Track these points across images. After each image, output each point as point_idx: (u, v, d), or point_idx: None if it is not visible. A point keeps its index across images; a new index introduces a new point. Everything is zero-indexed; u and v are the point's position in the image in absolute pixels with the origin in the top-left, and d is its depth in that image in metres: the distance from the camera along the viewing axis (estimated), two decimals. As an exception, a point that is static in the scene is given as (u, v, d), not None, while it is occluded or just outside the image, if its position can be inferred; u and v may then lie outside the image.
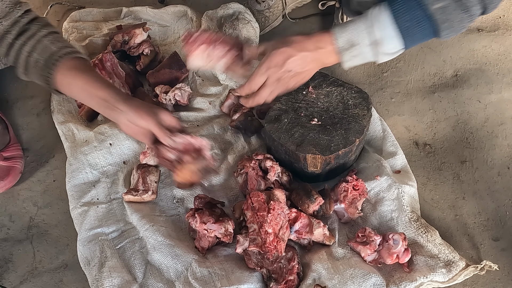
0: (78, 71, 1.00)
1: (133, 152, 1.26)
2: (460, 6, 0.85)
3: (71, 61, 1.01)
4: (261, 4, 1.53)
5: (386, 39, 0.91)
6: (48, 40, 1.03)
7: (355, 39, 0.93)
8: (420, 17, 0.88)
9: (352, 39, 0.93)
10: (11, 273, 1.14)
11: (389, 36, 0.91)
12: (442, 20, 0.87)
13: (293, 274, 1.01)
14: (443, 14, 0.86)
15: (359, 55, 0.95)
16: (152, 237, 1.08)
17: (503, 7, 1.53)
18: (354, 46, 0.93)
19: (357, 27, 0.92)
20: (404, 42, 0.92)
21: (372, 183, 1.13)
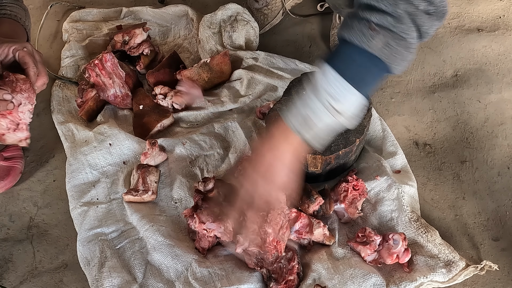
0: None
1: (133, 152, 1.26)
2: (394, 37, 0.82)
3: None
4: (259, 2, 1.53)
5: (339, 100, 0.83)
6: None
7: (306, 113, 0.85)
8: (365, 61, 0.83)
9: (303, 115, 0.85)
10: (11, 273, 1.14)
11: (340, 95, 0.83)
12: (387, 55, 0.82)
13: (293, 274, 1.00)
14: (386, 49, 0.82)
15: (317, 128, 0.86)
16: (152, 237, 1.08)
17: (503, 7, 1.54)
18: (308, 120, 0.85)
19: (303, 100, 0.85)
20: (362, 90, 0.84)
21: (372, 183, 1.13)
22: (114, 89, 1.34)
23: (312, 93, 0.84)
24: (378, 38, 0.81)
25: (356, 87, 0.83)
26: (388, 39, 0.81)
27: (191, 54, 1.52)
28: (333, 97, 0.83)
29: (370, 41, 0.81)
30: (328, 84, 0.83)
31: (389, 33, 0.81)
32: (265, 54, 1.43)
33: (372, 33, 0.81)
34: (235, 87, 1.38)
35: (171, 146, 1.26)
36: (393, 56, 0.83)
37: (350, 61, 0.83)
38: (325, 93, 0.83)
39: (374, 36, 0.81)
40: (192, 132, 1.29)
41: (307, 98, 0.84)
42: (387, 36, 0.81)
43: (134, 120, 1.34)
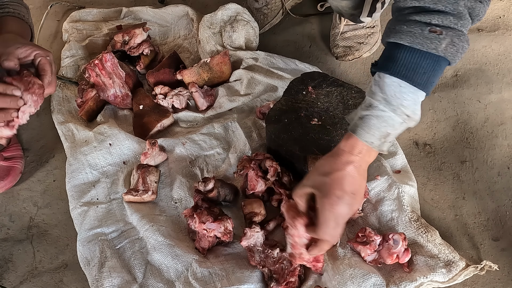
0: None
1: (133, 152, 1.26)
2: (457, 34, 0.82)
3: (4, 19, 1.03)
4: (258, 1, 1.53)
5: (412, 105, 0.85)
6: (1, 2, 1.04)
7: (387, 131, 0.85)
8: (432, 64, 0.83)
9: (383, 133, 0.86)
10: (11, 273, 1.14)
11: (414, 101, 0.84)
12: (453, 53, 0.83)
13: (294, 276, 1.00)
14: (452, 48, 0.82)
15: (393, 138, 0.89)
16: (152, 237, 1.08)
17: (503, 7, 1.53)
18: (388, 136, 0.86)
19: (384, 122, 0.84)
20: (430, 91, 0.87)
21: (372, 183, 1.13)
22: (114, 89, 1.34)
23: (389, 109, 0.84)
24: (443, 39, 0.81)
25: (425, 90, 0.84)
26: (453, 38, 0.81)
27: (191, 54, 1.52)
28: (408, 107, 0.84)
29: (435, 43, 0.81)
30: (401, 97, 0.83)
31: (452, 31, 0.81)
32: (265, 54, 1.43)
33: (436, 36, 0.81)
34: (235, 87, 1.38)
35: (171, 146, 1.26)
36: (457, 53, 0.83)
37: (417, 67, 0.82)
38: (401, 106, 0.83)
39: (438, 38, 0.81)
40: (192, 132, 1.29)
41: (384, 116, 0.84)
42: (451, 35, 0.81)
43: (134, 120, 1.34)
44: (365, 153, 0.87)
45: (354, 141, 0.87)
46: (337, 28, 1.45)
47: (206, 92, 1.37)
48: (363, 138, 0.86)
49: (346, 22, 1.43)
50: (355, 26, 1.43)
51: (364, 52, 1.44)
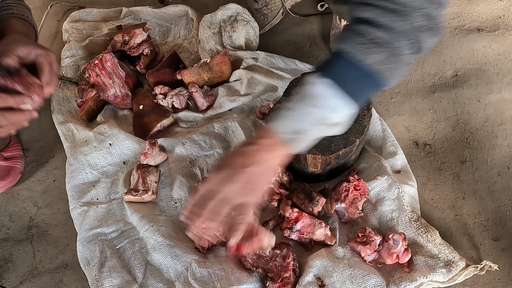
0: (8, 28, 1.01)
1: (133, 152, 1.26)
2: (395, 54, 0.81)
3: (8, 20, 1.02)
4: (258, 2, 1.53)
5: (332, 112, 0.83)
6: (4, 4, 1.03)
7: (300, 127, 0.83)
8: (360, 78, 0.82)
9: (295, 128, 0.83)
10: (11, 273, 1.14)
11: (333, 108, 0.82)
12: (383, 71, 0.82)
13: (288, 271, 1.00)
14: (383, 65, 0.81)
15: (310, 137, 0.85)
16: (152, 237, 1.08)
17: (503, 7, 1.53)
18: (301, 133, 0.84)
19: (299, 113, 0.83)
20: (358, 103, 0.83)
21: (372, 183, 1.13)
22: (114, 89, 1.34)
23: (304, 106, 0.83)
24: (376, 53, 0.80)
25: (355, 100, 0.82)
26: (385, 56, 0.80)
27: (191, 54, 1.52)
28: (329, 109, 0.82)
29: (367, 55, 0.80)
30: (325, 98, 0.82)
31: (387, 49, 0.80)
32: (265, 54, 1.43)
33: (370, 49, 0.80)
34: (235, 87, 1.38)
35: (171, 146, 1.26)
36: (388, 71, 0.82)
37: (347, 75, 0.82)
38: (320, 107, 0.82)
39: (372, 51, 0.80)
40: (192, 132, 1.29)
41: (299, 111, 0.83)
42: (384, 52, 0.80)
43: (134, 120, 1.34)
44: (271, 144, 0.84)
45: (263, 129, 0.86)
46: (337, 28, 1.45)
47: (206, 92, 1.37)
48: (272, 126, 0.84)
49: (346, 23, 1.43)
50: (354, 27, 1.43)
51: (364, 52, 1.44)
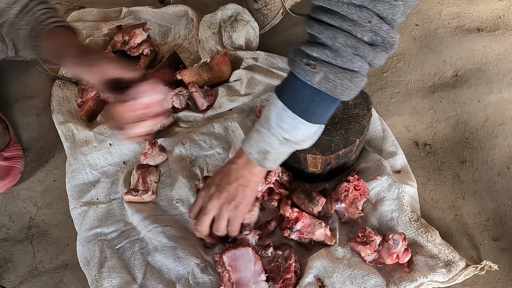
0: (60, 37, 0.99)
1: (133, 152, 1.26)
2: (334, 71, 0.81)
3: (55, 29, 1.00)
4: (258, 2, 1.53)
5: (291, 132, 0.87)
6: (40, 13, 1.02)
7: (264, 147, 0.91)
8: (310, 95, 0.84)
9: (261, 149, 0.91)
10: (11, 273, 1.14)
11: (294, 128, 0.86)
12: (330, 89, 0.82)
13: (290, 272, 1.00)
14: (327, 83, 0.82)
15: (276, 157, 0.93)
16: (156, 238, 1.08)
17: (503, 7, 1.53)
18: (267, 153, 0.91)
19: (260, 136, 0.90)
20: (314, 121, 0.86)
21: (372, 183, 1.13)
22: (114, 89, 1.34)
23: (266, 128, 0.89)
24: (317, 73, 0.81)
25: (306, 119, 0.85)
26: (328, 73, 0.80)
27: (191, 54, 1.52)
28: (286, 130, 0.87)
29: (309, 75, 0.81)
30: (280, 120, 0.86)
31: (329, 67, 0.80)
32: (265, 54, 1.43)
33: (310, 69, 0.81)
34: (235, 87, 1.38)
35: (171, 146, 1.26)
36: (335, 88, 0.82)
37: (297, 94, 0.84)
38: (279, 128, 0.87)
39: (312, 71, 0.81)
40: (192, 132, 1.29)
41: (262, 133, 0.90)
42: (326, 71, 0.80)
43: (134, 120, 1.34)
44: (246, 162, 0.96)
45: (240, 149, 0.97)
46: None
47: (206, 92, 1.36)
48: (244, 147, 0.95)
49: None
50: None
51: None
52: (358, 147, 1.16)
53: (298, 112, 0.85)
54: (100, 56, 0.97)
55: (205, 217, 1.01)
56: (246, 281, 0.98)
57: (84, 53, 0.96)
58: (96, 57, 0.95)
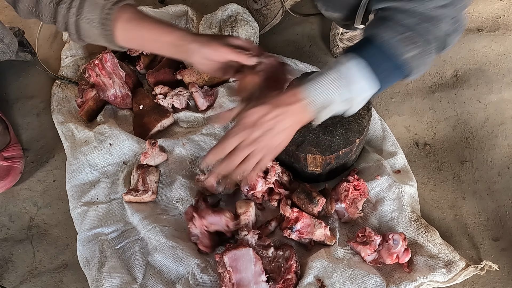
0: (136, 21, 0.92)
1: (133, 152, 1.26)
2: (426, 52, 0.90)
3: (124, 13, 0.91)
4: (257, 2, 1.53)
5: (359, 94, 0.89)
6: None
7: (328, 101, 0.89)
8: (393, 67, 0.89)
9: (325, 102, 0.89)
10: (11, 273, 1.14)
11: (362, 90, 0.89)
12: (413, 66, 0.90)
13: (291, 273, 1.00)
14: (413, 61, 0.89)
15: (332, 112, 0.92)
16: (155, 238, 1.08)
17: (503, 7, 1.54)
18: (327, 107, 0.90)
19: (328, 89, 0.88)
20: (377, 90, 0.91)
21: (372, 183, 1.13)
22: (114, 89, 1.34)
23: (337, 85, 0.88)
24: (412, 51, 0.88)
25: (377, 86, 0.89)
26: (419, 53, 0.89)
27: (191, 54, 1.52)
28: (355, 92, 0.88)
29: (405, 51, 0.88)
30: (354, 81, 0.87)
31: (421, 48, 0.88)
32: (265, 54, 1.43)
33: (408, 46, 0.88)
34: (235, 87, 1.38)
35: (171, 146, 1.26)
36: (417, 67, 0.90)
37: (381, 64, 0.88)
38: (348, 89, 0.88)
39: (409, 48, 0.88)
40: (192, 132, 1.29)
41: (336, 90, 0.88)
42: (419, 51, 0.88)
43: (134, 120, 1.34)
44: (300, 105, 0.88)
45: (297, 89, 0.89)
46: (337, 28, 1.45)
47: (206, 92, 1.36)
48: (305, 94, 0.88)
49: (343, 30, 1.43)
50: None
51: (364, 52, 1.44)
52: (358, 147, 1.16)
53: (374, 79, 0.88)
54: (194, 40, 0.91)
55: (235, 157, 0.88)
56: (246, 282, 0.98)
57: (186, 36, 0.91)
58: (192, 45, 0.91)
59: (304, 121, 0.91)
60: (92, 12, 0.91)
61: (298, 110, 0.89)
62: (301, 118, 0.91)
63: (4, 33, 1.31)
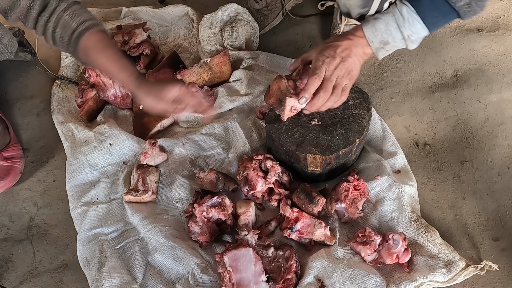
0: (96, 50, 1.08)
1: (133, 152, 1.26)
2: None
3: (89, 40, 1.07)
4: (259, 3, 1.53)
5: (415, 33, 1.03)
6: (68, 15, 1.07)
7: (387, 39, 1.04)
8: (447, 12, 1.00)
9: (384, 40, 1.04)
10: (11, 273, 1.14)
11: (418, 31, 1.03)
12: (466, 12, 1.00)
13: (291, 273, 1.00)
14: (468, 8, 0.99)
15: (391, 49, 1.07)
16: (154, 238, 1.08)
17: (503, 7, 1.53)
18: (387, 44, 1.05)
19: (388, 29, 1.03)
20: (430, 31, 1.03)
21: (372, 183, 1.13)
22: (114, 89, 1.34)
23: (397, 24, 1.02)
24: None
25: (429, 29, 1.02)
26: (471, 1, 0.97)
27: (191, 54, 1.52)
28: (413, 32, 1.02)
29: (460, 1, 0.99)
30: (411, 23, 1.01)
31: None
32: (265, 54, 1.43)
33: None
34: (235, 87, 1.38)
35: (171, 146, 1.26)
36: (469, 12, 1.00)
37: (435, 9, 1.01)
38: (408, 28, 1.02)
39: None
40: (192, 132, 1.29)
41: (391, 26, 1.03)
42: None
43: (134, 120, 1.34)
44: (363, 41, 1.05)
45: (358, 30, 1.06)
46: (338, 28, 1.45)
47: (206, 92, 1.36)
48: (366, 33, 1.04)
49: (347, 22, 1.43)
50: (355, 27, 1.44)
51: (364, 52, 1.45)
52: (358, 147, 1.16)
53: (428, 23, 1.01)
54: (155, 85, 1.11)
55: (330, 84, 1.02)
56: (247, 282, 0.98)
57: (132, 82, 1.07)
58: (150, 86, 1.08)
59: (368, 53, 1.07)
60: (64, 33, 1.08)
61: (362, 44, 1.05)
62: (365, 51, 1.06)
63: (3, 33, 1.31)
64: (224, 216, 1.08)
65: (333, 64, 1.02)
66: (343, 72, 1.03)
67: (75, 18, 1.07)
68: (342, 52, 1.03)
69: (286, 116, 1.09)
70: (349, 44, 1.04)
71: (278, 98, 1.09)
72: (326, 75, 1.02)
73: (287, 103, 1.06)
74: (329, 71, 1.02)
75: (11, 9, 1.06)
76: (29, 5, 1.06)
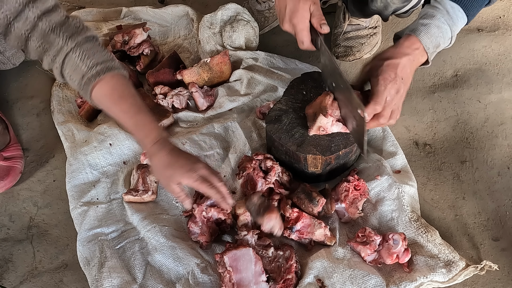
0: (110, 101, 0.99)
1: (133, 152, 1.26)
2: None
3: (103, 86, 0.97)
4: (261, 4, 1.53)
5: (459, 28, 1.05)
6: (77, 57, 0.96)
7: (439, 42, 1.04)
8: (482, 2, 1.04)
9: (437, 43, 1.05)
10: (11, 273, 1.14)
11: (461, 25, 1.04)
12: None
13: (291, 273, 1.00)
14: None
15: (439, 49, 1.07)
16: (154, 238, 1.08)
17: (503, 7, 1.54)
18: (438, 47, 1.06)
19: (441, 32, 1.03)
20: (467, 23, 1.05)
21: (372, 183, 1.13)
22: (114, 89, 1.34)
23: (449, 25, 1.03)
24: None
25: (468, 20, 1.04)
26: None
27: (191, 54, 1.52)
28: (456, 29, 1.04)
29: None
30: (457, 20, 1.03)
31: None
32: (265, 54, 1.43)
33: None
34: (235, 87, 1.38)
35: (171, 146, 1.26)
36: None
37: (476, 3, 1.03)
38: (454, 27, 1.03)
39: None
40: (192, 132, 1.29)
41: (444, 29, 1.03)
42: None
43: (134, 120, 1.34)
44: (419, 52, 1.04)
45: (414, 40, 1.03)
46: (340, 27, 1.45)
47: (206, 92, 1.37)
48: (424, 41, 1.03)
49: (350, 22, 1.43)
50: (358, 27, 1.44)
51: (365, 53, 1.44)
52: (358, 147, 1.16)
53: (470, 15, 1.03)
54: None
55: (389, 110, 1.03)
56: (247, 282, 0.98)
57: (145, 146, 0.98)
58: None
59: (421, 62, 1.06)
60: (75, 75, 0.97)
61: (419, 56, 1.04)
62: (420, 61, 1.05)
63: (7, 46, 1.31)
64: (223, 215, 1.08)
65: (395, 88, 1.01)
66: (400, 94, 1.03)
67: (85, 60, 0.95)
68: (401, 72, 1.02)
69: (313, 132, 1.10)
70: (408, 61, 1.03)
71: (315, 111, 1.09)
72: (387, 101, 1.01)
73: (318, 120, 1.07)
74: (390, 97, 1.01)
75: (5, 33, 0.96)
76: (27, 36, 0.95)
